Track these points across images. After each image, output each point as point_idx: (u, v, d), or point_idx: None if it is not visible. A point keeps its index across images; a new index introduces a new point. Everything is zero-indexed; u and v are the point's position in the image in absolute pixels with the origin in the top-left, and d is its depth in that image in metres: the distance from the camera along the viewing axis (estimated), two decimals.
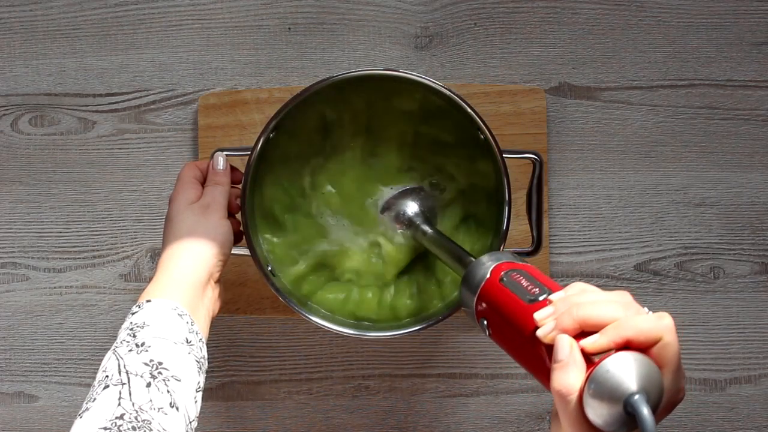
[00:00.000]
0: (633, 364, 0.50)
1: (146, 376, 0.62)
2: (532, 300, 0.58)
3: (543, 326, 0.54)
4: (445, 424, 0.94)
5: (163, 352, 0.64)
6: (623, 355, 0.50)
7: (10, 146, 0.93)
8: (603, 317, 0.52)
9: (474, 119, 0.75)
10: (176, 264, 0.71)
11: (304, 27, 0.92)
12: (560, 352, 0.52)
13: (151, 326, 0.65)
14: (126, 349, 0.64)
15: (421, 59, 0.92)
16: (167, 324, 0.66)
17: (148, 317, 0.66)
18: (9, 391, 0.94)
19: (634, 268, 0.93)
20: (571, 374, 0.51)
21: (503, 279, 0.62)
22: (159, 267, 0.72)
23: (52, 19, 0.92)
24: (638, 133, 0.93)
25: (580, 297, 0.55)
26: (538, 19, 0.92)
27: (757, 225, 0.93)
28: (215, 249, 0.73)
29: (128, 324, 0.66)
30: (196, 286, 0.70)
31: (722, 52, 0.93)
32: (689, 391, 0.93)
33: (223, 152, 0.78)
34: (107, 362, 0.63)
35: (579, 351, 0.51)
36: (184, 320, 0.67)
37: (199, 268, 0.71)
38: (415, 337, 0.92)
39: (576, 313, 0.53)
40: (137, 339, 0.64)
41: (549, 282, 0.60)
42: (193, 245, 0.72)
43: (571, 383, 0.51)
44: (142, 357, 0.63)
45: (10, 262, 0.93)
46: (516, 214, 0.83)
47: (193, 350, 0.66)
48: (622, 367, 0.50)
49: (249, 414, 0.93)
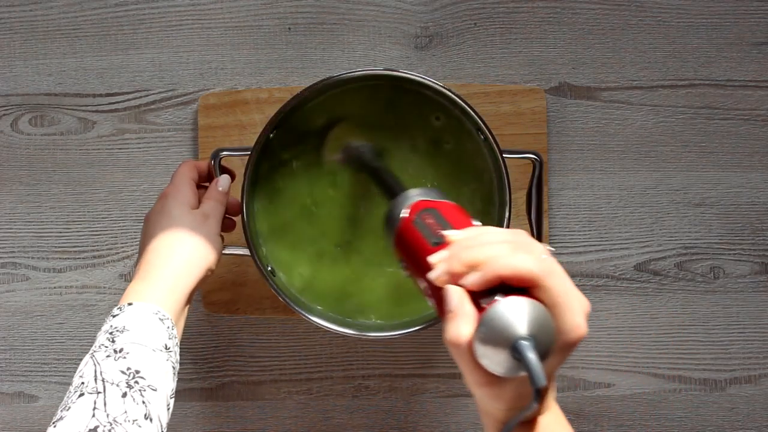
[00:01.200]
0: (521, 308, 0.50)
1: (122, 386, 0.60)
2: (437, 243, 0.57)
3: (434, 269, 0.54)
4: (445, 424, 0.94)
5: (141, 359, 0.62)
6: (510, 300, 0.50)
7: (10, 146, 0.93)
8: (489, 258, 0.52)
9: (474, 119, 0.75)
10: (166, 264, 0.69)
11: (304, 27, 0.92)
12: (449, 302, 0.52)
13: (131, 331, 0.64)
14: (104, 354, 0.62)
15: (421, 59, 0.92)
16: (147, 329, 0.64)
17: (129, 321, 0.65)
18: (9, 391, 0.94)
19: (634, 268, 0.93)
20: (461, 324, 0.51)
21: (415, 220, 0.61)
22: (146, 261, 0.70)
23: (52, 19, 0.92)
24: (638, 133, 0.93)
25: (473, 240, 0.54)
26: (538, 19, 0.92)
27: (757, 225, 0.93)
28: (210, 258, 0.72)
29: (108, 327, 0.65)
30: (183, 292, 0.69)
31: (722, 52, 0.93)
32: (689, 391, 0.93)
33: (224, 152, 0.78)
34: (84, 367, 0.62)
35: (468, 300, 0.51)
36: (165, 325, 0.66)
37: (191, 275, 0.70)
38: (415, 337, 0.92)
39: (464, 256, 0.53)
40: (116, 344, 0.63)
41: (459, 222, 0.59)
42: (190, 249, 0.71)
43: (461, 332, 0.51)
44: (119, 364, 0.62)
45: (10, 262, 0.93)
46: (516, 214, 0.83)
47: (170, 357, 0.65)
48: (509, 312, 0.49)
49: (249, 414, 0.93)
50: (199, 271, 0.71)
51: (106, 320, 0.66)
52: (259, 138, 0.76)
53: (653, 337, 0.93)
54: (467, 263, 0.52)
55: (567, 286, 0.52)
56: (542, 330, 0.50)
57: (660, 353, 0.93)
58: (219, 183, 0.77)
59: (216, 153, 0.79)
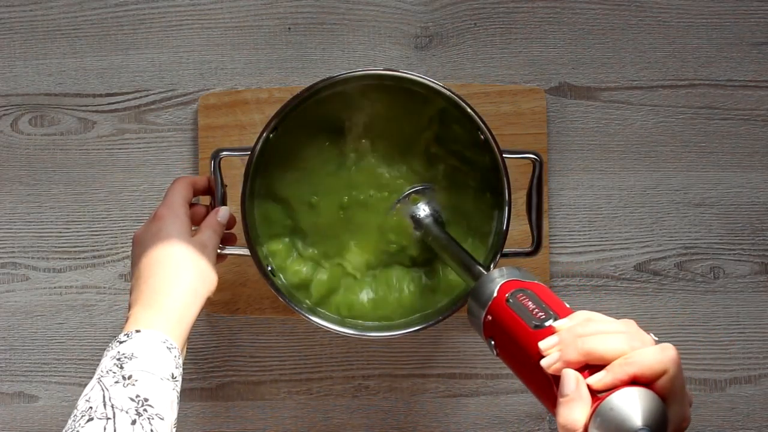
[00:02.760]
0: (637, 399, 0.51)
1: (131, 413, 0.60)
2: (538, 326, 0.58)
3: (547, 357, 0.55)
4: (445, 424, 0.94)
5: (150, 388, 0.62)
6: (627, 391, 0.51)
7: (10, 146, 0.93)
8: (608, 350, 0.53)
9: (474, 119, 0.75)
10: (170, 291, 0.69)
11: (304, 27, 0.92)
12: (566, 387, 0.53)
13: (139, 358, 0.64)
14: (112, 380, 0.62)
15: (421, 59, 0.92)
16: (155, 358, 0.64)
17: (137, 349, 0.64)
18: (9, 391, 0.94)
19: (634, 268, 0.93)
20: (576, 409, 0.52)
21: (509, 300, 0.61)
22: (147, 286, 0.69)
23: (52, 19, 0.92)
24: (638, 133, 0.93)
25: (585, 327, 0.55)
26: (538, 19, 0.92)
27: (757, 225, 0.93)
28: (211, 288, 0.72)
29: (114, 353, 0.64)
30: (188, 322, 0.69)
31: (722, 52, 0.93)
32: (689, 391, 0.93)
33: (224, 152, 0.78)
34: (91, 392, 0.62)
35: (585, 386, 0.52)
36: (173, 354, 0.66)
37: (194, 304, 0.70)
38: (415, 337, 0.92)
39: (581, 346, 0.54)
40: (124, 371, 0.63)
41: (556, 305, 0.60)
42: (193, 278, 0.71)
43: (577, 418, 0.52)
44: (128, 391, 0.61)
45: (10, 262, 0.93)
46: (516, 214, 0.83)
47: (176, 386, 0.65)
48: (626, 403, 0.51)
49: (249, 414, 0.93)
50: (202, 301, 0.71)
51: (112, 345, 0.66)
52: (258, 138, 0.76)
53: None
54: (583, 353, 0.53)
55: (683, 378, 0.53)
56: (657, 420, 0.51)
57: None
58: (219, 214, 0.76)
59: (216, 153, 0.79)
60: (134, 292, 0.70)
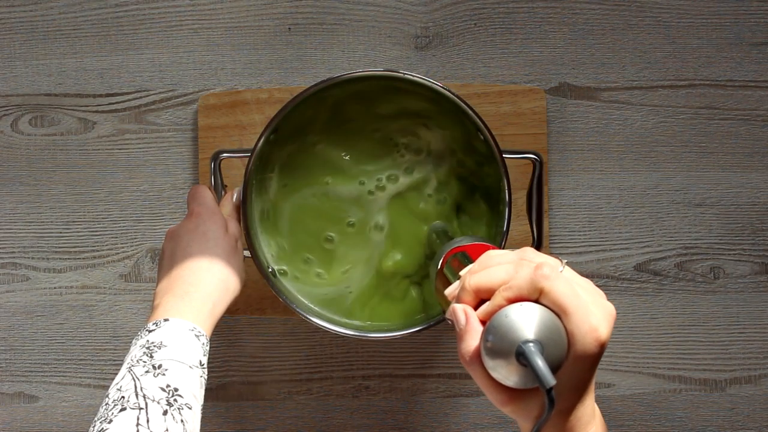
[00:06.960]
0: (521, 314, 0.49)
1: (163, 403, 0.61)
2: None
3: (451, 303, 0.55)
4: (445, 424, 0.94)
5: (180, 377, 0.63)
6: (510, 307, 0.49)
7: (10, 146, 0.93)
8: (492, 282, 0.52)
9: (474, 119, 0.75)
10: (204, 285, 0.71)
11: (304, 27, 0.92)
12: (457, 323, 0.52)
13: (168, 347, 0.65)
14: (142, 369, 0.63)
15: (421, 59, 0.92)
16: (184, 345, 0.65)
17: (166, 337, 0.65)
18: (9, 391, 0.94)
19: (634, 268, 0.93)
20: (470, 340, 0.51)
21: (445, 268, 0.61)
22: (180, 278, 0.71)
23: (52, 19, 0.92)
24: (638, 133, 0.93)
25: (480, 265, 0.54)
26: (538, 19, 0.92)
27: (757, 225, 0.93)
28: (239, 285, 0.74)
29: (144, 341, 0.65)
30: (217, 315, 0.71)
31: (722, 52, 0.93)
32: (689, 391, 0.93)
33: (224, 154, 0.78)
34: (122, 380, 0.63)
35: (475, 318, 0.52)
36: (200, 341, 0.67)
37: (224, 300, 0.72)
38: (415, 337, 0.93)
39: (469, 284, 0.53)
40: (154, 360, 0.64)
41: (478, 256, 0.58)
42: (227, 275, 0.72)
43: (469, 346, 0.51)
44: (159, 381, 0.62)
45: (10, 262, 0.93)
46: (516, 214, 0.83)
47: (203, 373, 0.66)
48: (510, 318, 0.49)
49: (249, 414, 0.93)
50: (232, 297, 0.73)
51: (141, 334, 0.66)
52: (259, 139, 0.76)
53: (653, 337, 0.93)
54: (473, 290, 0.53)
55: (573, 290, 0.50)
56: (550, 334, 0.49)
57: (660, 353, 0.93)
58: (235, 197, 0.78)
59: (216, 155, 0.79)
60: (163, 282, 0.71)
